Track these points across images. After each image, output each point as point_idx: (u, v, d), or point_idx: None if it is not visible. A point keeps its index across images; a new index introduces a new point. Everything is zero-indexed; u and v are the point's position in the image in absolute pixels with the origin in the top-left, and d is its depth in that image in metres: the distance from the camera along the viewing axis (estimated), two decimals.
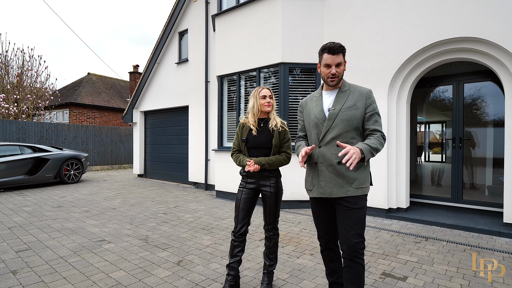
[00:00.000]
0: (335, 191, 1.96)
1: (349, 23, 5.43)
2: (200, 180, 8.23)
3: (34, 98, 13.59)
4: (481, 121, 5.31)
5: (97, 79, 19.12)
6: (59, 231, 4.25)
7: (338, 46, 1.97)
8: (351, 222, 1.92)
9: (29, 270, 2.96)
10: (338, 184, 1.96)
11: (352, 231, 1.91)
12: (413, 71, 4.99)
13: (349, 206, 1.94)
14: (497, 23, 4.09)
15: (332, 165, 1.97)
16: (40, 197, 6.78)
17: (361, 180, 1.96)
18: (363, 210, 1.97)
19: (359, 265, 1.92)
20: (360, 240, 1.92)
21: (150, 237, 4.03)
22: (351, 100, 2.00)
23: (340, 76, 2.01)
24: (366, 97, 2.01)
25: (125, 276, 2.86)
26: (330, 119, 2.00)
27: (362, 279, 1.94)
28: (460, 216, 4.88)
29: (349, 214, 1.93)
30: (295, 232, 4.27)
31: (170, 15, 9.02)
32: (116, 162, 14.03)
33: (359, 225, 1.93)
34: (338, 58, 1.98)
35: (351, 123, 1.97)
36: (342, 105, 1.99)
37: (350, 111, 1.98)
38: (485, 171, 5.33)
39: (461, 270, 3.02)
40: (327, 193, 1.99)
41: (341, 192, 1.95)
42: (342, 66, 2.00)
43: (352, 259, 1.91)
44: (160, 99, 9.73)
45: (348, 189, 1.94)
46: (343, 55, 2.00)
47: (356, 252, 1.90)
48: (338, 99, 2.03)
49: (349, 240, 1.91)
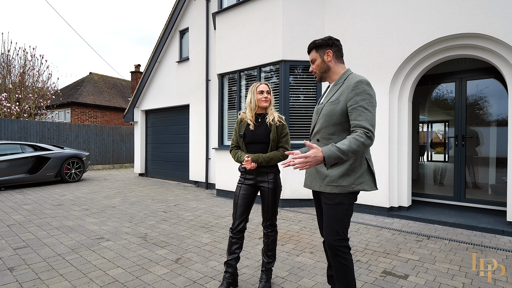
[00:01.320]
0: (313, 183, 1.99)
1: (350, 20, 5.38)
2: (200, 179, 8.21)
3: (36, 97, 13.62)
4: (484, 119, 5.25)
5: (99, 79, 19.15)
6: (58, 228, 4.23)
7: (309, 45, 2.07)
8: (328, 219, 1.89)
9: (26, 267, 2.94)
10: (314, 178, 1.99)
11: (328, 228, 1.88)
12: (415, 68, 4.93)
13: (325, 201, 1.91)
14: (500, 18, 4.03)
15: None
16: (41, 195, 6.78)
17: (331, 177, 1.85)
18: (341, 207, 1.85)
19: (342, 264, 1.85)
20: (337, 237, 1.84)
21: (149, 235, 4.00)
22: (336, 94, 1.91)
23: (318, 71, 2.04)
24: (351, 89, 1.82)
25: (123, 273, 2.83)
26: (316, 114, 2.03)
27: (349, 278, 1.86)
28: (462, 214, 4.82)
29: (326, 210, 1.91)
30: (295, 231, 4.22)
31: (171, 14, 9.00)
32: (117, 161, 14.04)
33: (337, 222, 1.85)
34: (310, 56, 2.06)
35: (330, 119, 1.89)
36: (328, 99, 1.95)
37: (330, 105, 1.90)
38: (488, 170, 5.26)
39: (464, 268, 2.97)
40: (307, 185, 2.06)
41: (315, 186, 1.96)
42: (316, 61, 2.03)
43: (333, 257, 1.86)
44: (161, 98, 9.71)
45: (320, 185, 1.92)
46: (315, 50, 2.03)
47: (336, 250, 1.84)
48: (328, 93, 2.02)
49: (327, 237, 1.89)
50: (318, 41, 2.02)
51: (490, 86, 5.13)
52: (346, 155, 1.69)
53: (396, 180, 5.00)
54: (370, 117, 1.77)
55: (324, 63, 2.01)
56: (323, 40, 2.01)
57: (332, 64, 2.01)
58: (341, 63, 2.04)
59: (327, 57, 1.99)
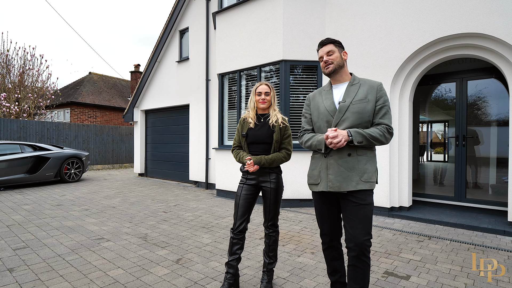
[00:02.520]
0: (344, 184, 1.91)
1: (351, 19, 5.37)
2: (200, 179, 8.19)
3: (35, 97, 13.58)
4: (484, 119, 5.24)
5: (98, 79, 19.13)
6: (58, 229, 4.21)
7: (326, 39, 2.09)
8: (359, 218, 1.87)
9: (26, 268, 2.92)
10: (347, 177, 1.91)
11: (360, 228, 1.86)
12: (415, 68, 4.92)
13: (357, 202, 1.89)
14: (501, 18, 4.02)
15: (341, 158, 1.93)
16: (40, 195, 6.76)
17: (369, 173, 1.92)
18: (371, 207, 1.92)
19: (365, 264, 1.86)
20: (368, 237, 1.86)
21: (149, 235, 3.98)
22: (361, 93, 1.97)
23: (335, 62, 2.02)
24: (377, 90, 1.98)
25: (123, 274, 2.82)
26: (341, 112, 1.97)
27: (367, 278, 1.89)
28: (463, 215, 4.81)
29: (357, 211, 1.88)
30: (296, 231, 4.21)
31: (171, 14, 8.98)
32: (117, 161, 14.01)
33: (367, 222, 1.89)
34: (327, 48, 2.05)
35: (362, 116, 1.94)
36: (353, 98, 1.97)
37: (361, 103, 1.95)
38: (489, 170, 5.25)
39: (465, 269, 2.96)
40: (335, 187, 1.93)
41: (350, 185, 1.90)
42: (335, 54, 2.03)
43: (359, 257, 1.86)
44: (161, 97, 9.69)
45: (358, 183, 1.89)
46: (334, 44, 2.05)
47: (364, 250, 1.85)
48: (348, 92, 2.01)
49: (357, 237, 1.85)
50: (336, 39, 2.11)
51: (490, 86, 5.12)
52: (369, 139, 1.87)
53: (397, 180, 4.99)
54: (391, 117, 1.99)
55: (342, 59, 2.06)
56: (339, 41, 2.12)
57: (345, 64, 2.10)
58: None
59: (344, 55, 2.08)
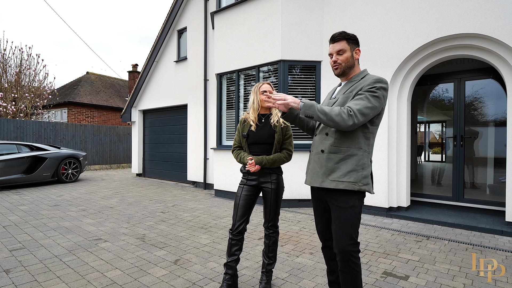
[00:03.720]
0: (313, 180, 1.89)
1: (349, 19, 5.37)
2: (199, 179, 8.17)
3: (32, 97, 13.51)
4: (482, 119, 5.26)
5: (96, 78, 19.04)
6: (55, 230, 4.18)
7: (338, 33, 1.89)
8: (340, 223, 1.81)
9: (22, 269, 2.90)
10: (316, 174, 1.87)
11: (341, 233, 1.79)
12: (414, 68, 4.93)
13: (338, 205, 1.81)
14: (499, 19, 4.03)
15: (317, 154, 1.90)
16: (37, 196, 6.71)
17: (339, 173, 1.78)
18: (354, 210, 1.79)
19: (352, 269, 1.79)
20: (351, 242, 1.78)
21: (147, 236, 3.97)
22: (351, 88, 1.85)
23: (344, 64, 1.88)
24: (369, 83, 1.78)
25: (121, 275, 2.80)
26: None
27: (357, 283, 1.82)
28: (461, 215, 4.82)
29: (339, 215, 1.81)
30: (295, 231, 4.20)
31: (169, 13, 8.95)
32: (115, 161, 13.95)
33: (350, 227, 1.79)
34: (339, 45, 1.88)
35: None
36: (342, 94, 1.90)
37: (343, 98, 1.85)
38: (486, 170, 5.27)
39: (464, 269, 2.97)
40: (308, 181, 1.94)
41: (317, 182, 1.85)
42: (346, 53, 1.87)
43: (345, 262, 1.79)
44: (158, 97, 9.66)
45: (324, 180, 1.81)
46: (346, 41, 1.88)
47: (348, 256, 1.78)
48: (342, 89, 1.94)
49: (339, 243, 1.80)
50: (351, 34, 1.90)
51: (488, 86, 5.14)
52: (321, 112, 1.71)
53: (395, 180, 4.99)
54: (362, 104, 1.72)
55: (353, 59, 1.91)
56: (354, 36, 1.92)
57: (356, 64, 1.95)
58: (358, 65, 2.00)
59: (356, 54, 1.92)
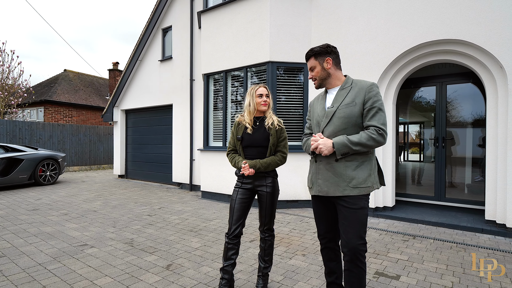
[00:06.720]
0: (332, 189, 1.93)
1: (336, 23, 5.45)
2: (184, 180, 8.05)
3: (6, 95, 12.86)
4: (461, 121, 5.48)
5: (74, 76, 18.37)
6: (36, 235, 3.99)
7: (307, 52, 2.10)
8: (351, 223, 1.88)
9: (4, 279, 2.74)
10: (335, 183, 1.92)
11: (352, 233, 1.86)
12: (399, 72, 5.07)
13: (348, 206, 1.89)
14: (480, 26, 4.21)
15: (329, 163, 1.94)
16: (14, 199, 6.39)
17: (359, 179, 1.89)
18: (363, 211, 1.89)
19: (360, 269, 1.87)
20: (361, 242, 1.87)
21: (135, 240, 3.86)
22: (350, 97, 1.95)
23: (318, 77, 2.07)
24: (366, 92, 1.92)
25: (111, 282, 2.70)
26: (327, 117, 1.99)
27: (363, 283, 1.90)
28: (444, 213, 5.00)
29: (349, 215, 1.88)
30: (285, 233, 4.22)
31: (153, 11, 8.76)
32: (94, 163, 13.52)
33: (360, 226, 1.88)
34: (309, 63, 2.09)
35: (349, 120, 1.92)
36: (340, 103, 1.97)
37: (347, 108, 1.93)
38: (465, 170, 5.50)
39: (451, 267, 3.08)
40: (324, 192, 1.97)
41: (337, 191, 1.90)
42: (316, 68, 2.06)
43: (353, 261, 1.87)
44: (142, 97, 9.43)
45: (345, 188, 1.89)
46: (314, 57, 2.06)
47: (358, 255, 1.86)
48: (337, 97, 2.01)
49: (350, 242, 1.86)
50: (317, 48, 2.06)
51: (466, 90, 5.36)
52: (355, 145, 1.84)
53: None
54: (383, 117, 1.90)
55: (324, 70, 2.05)
56: (321, 47, 2.06)
57: (332, 71, 2.06)
58: (339, 69, 2.10)
59: (326, 64, 2.04)
